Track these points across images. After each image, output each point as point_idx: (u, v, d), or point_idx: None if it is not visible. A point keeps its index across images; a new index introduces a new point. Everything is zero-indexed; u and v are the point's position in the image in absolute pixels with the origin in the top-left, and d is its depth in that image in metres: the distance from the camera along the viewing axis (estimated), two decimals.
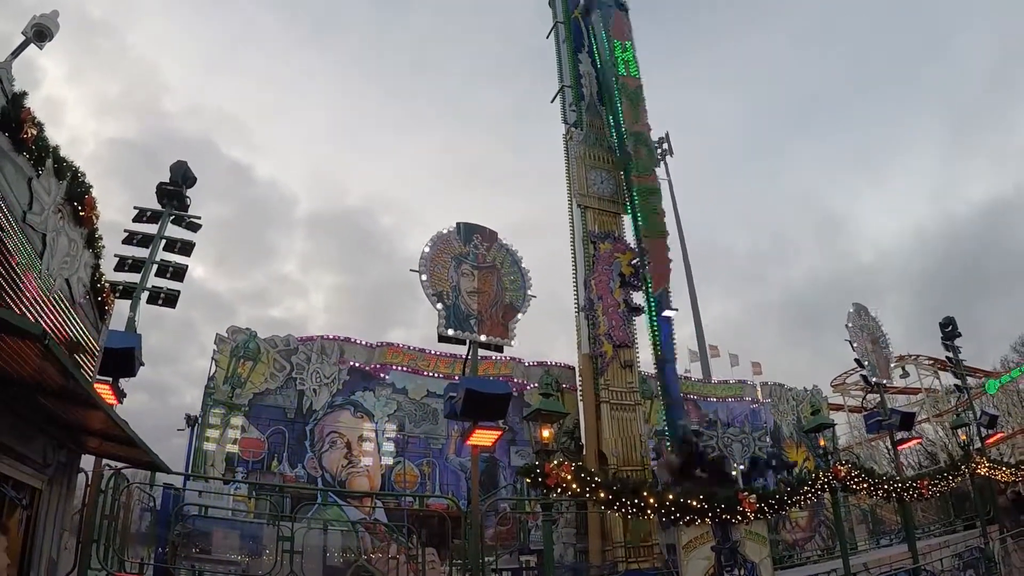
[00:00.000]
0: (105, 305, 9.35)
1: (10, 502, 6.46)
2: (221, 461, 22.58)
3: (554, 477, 13.44)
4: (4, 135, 6.08)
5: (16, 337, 4.67)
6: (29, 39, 7.08)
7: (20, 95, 6.13)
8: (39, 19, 7.16)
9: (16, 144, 6.26)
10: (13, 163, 6.30)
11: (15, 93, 6.09)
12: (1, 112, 5.94)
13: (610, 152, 30.57)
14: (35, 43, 7.12)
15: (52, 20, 7.21)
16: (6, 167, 6.17)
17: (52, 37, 7.22)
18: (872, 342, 22.48)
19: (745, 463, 24.56)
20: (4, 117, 5.99)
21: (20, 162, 6.40)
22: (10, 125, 6.08)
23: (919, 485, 18.89)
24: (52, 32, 7.21)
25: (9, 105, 6.02)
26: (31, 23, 7.12)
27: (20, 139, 6.26)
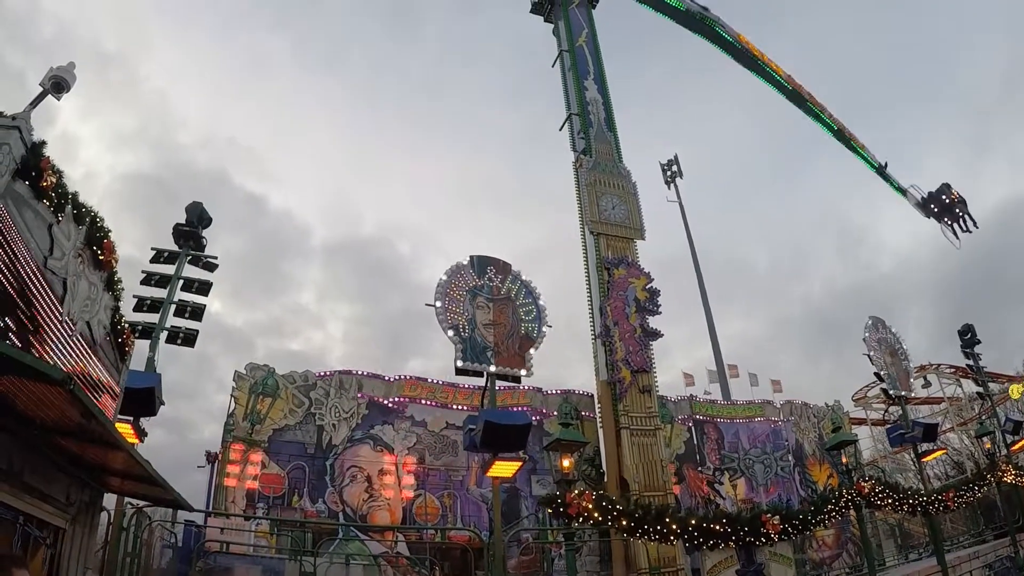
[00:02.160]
0: (125, 346, 9.52)
1: (34, 541, 6.57)
2: (242, 497, 22.64)
3: (576, 506, 13.41)
4: (25, 183, 6.26)
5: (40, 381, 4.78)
6: (47, 91, 7.30)
7: (39, 144, 6.32)
8: (56, 71, 7.37)
9: (36, 192, 6.45)
10: (34, 210, 6.48)
11: (34, 143, 6.27)
12: (21, 161, 6.12)
13: (621, 178, 30.73)
14: (53, 95, 7.33)
15: (69, 72, 7.43)
16: (27, 214, 6.35)
17: (69, 89, 7.43)
18: (891, 354, 22.34)
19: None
20: (24, 166, 6.17)
21: (40, 209, 6.59)
22: (30, 173, 6.26)
23: (945, 497, 18.69)
24: (69, 84, 7.42)
25: (29, 154, 6.20)
26: (48, 75, 7.34)
27: (40, 187, 6.45)
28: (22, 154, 6.11)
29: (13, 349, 5.38)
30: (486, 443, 14.05)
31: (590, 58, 34.13)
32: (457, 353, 15.52)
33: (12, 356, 4.56)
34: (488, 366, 15.64)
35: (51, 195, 6.61)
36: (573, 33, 34.36)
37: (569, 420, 15.25)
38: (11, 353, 4.63)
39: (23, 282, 6.26)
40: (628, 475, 24.68)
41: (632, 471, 24.63)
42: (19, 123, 6.04)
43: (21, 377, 4.81)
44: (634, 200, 30.49)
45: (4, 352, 4.53)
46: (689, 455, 30.15)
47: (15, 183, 6.09)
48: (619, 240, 29.19)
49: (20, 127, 6.04)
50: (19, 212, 6.17)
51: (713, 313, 46.25)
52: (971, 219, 40.16)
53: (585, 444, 21.12)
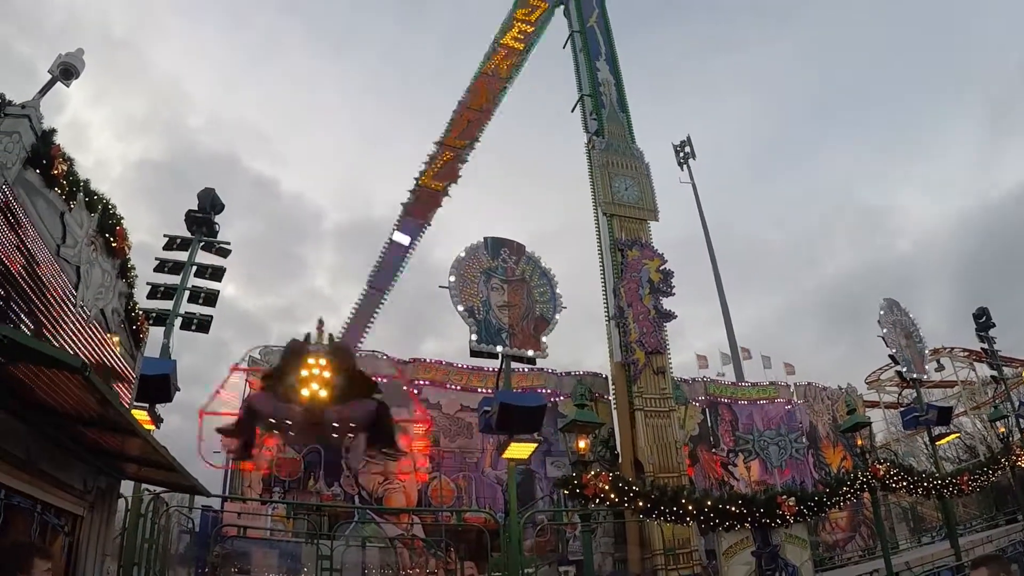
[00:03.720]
0: (140, 333, 9.54)
1: (52, 529, 6.60)
2: (258, 481, 22.77)
3: (592, 487, 13.42)
4: (36, 172, 6.25)
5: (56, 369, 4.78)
6: (56, 77, 7.26)
7: (50, 132, 6.30)
8: (65, 57, 7.33)
9: (48, 180, 6.43)
10: (45, 199, 6.47)
11: (44, 130, 6.25)
12: (32, 150, 6.10)
13: (634, 159, 30.56)
14: (62, 81, 7.29)
15: (78, 58, 7.39)
16: (39, 203, 6.34)
17: (78, 75, 7.39)
18: (906, 337, 22.16)
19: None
20: (35, 154, 6.15)
21: (52, 197, 6.58)
22: (41, 162, 6.24)
23: (959, 481, 18.60)
24: (78, 70, 7.38)
25: (39, 142, 6.18)
26: (57, 62, 7.31)
27: (51, 175, 6.43)
28: (32, 142, 6.09)
29: (30, 337, 5.38)
30: (502, 425, 14.05)
31: (601, 38, 33.88)
32: (472, 335, 15.48)
33: (30, 345, 4.55)
34: (503, 347, 15.61)
35: (63, 183, 6.60)
36: (584, 13, 34.10)
37: (584, 401, 15.19)
38: (29, 342, 4.63)
39: (36, 270, 6.26)
40: (642, 457, 24.69)
41: (646, 453, 24.64)
42: (29, 111, 6.02)
43: (38, 365, 4.80)
44: (647, 181, 30.33)
45: (21, 340, 4.52)
46: (703, 437, 30.12)
47: (26, 171, 6.07)
48: (632, 221, 29.07)
49: (30, 115, 6.02)
50: (31, 200, 6.16)
51: (728, 294, 45.99)
52: None
53: (601, 425, 21.12)
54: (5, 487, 5.68)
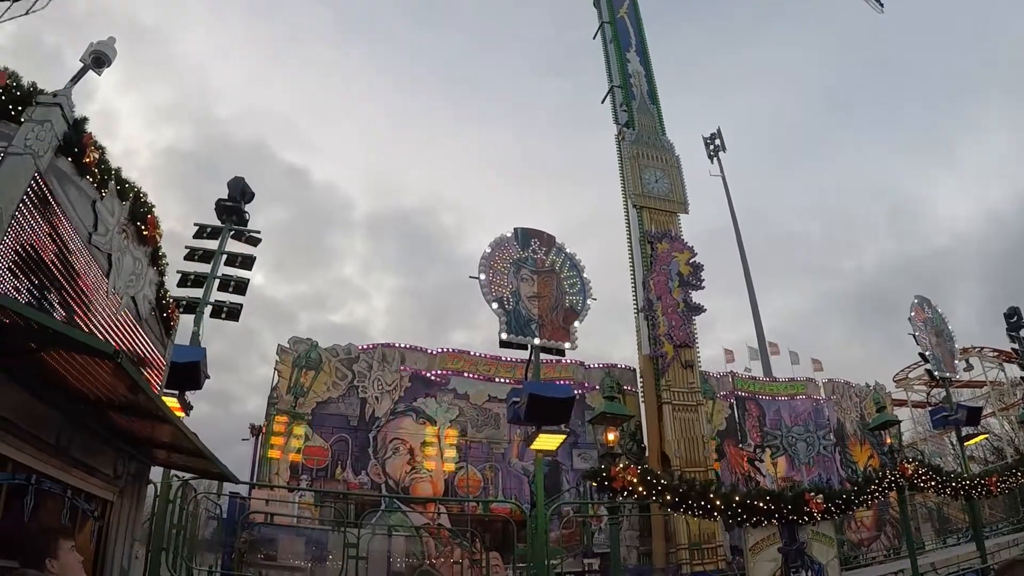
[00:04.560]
0: (170, 321, 9.59)
1: (82, 514, 6.66)
2: (286, 469, 22.99)
3: (620, 480, 13.37)
4: (68, 160, 6.28)
5: (88, 355, 4.81)
6: (88, 66, 7.30)
7: (81, 120, 6.33)
8: (97, 45, 7.37)
9: (79, 168, 6.46)
10: (77, 187, 6.50)
11: (76, 119, 6.28)
12: (64, 138, 6.13)
13: (664, 151, 30.36)
14: (94, 70, 7.33)
15: (109, 46, 7.42)
16: (71, 191, 6.37)
17: (110, 63, 7.43)
18: (936, 335, 21.83)
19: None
20: (67, 143, 6.18)
21: (84, 185, 6.61)
22: (73, 150, 6.27)
23: (988, 482, 18.30)
24: (110, 58, 7.42)
25: (71, 131, 6.21)
26: (89, 50, 7.34)
27: (83, 163, 6.46)
28: (64, 131, 6.11)
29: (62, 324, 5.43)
30: (530, 416, 14.02)
31: (632, 29, 33.68)
32: (501, 326, 15.47)
33: (62, 331, 4.59)
34: (532, 339, 15.58)
35: (94, 171, 6.62)
36: (614, 4, 33.93)
37: (613, 394, 15.13)
38: (61, 328, 4.66)
39: (68, 258, 6.31)
40: (669, 450, 24.62)
41: (673, 446, 24.57)
42: (60, 100, 6.04)
43: (70, 351, 4.84)
44: (677, 173, 30.16)
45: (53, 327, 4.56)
46: (730, 431, 29.93)
47: (58, 160, 6.09)
48: (662, 214, 28.94)
49: (62, 104, 6.04)
50: (63, 189, 6.20)
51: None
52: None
53: (630, 418, 21.04)
54: (36, 472, 5.73)
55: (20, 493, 5.53)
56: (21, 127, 5.80)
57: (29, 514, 5.55)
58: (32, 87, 6.04)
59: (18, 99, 5.93)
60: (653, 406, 26.03)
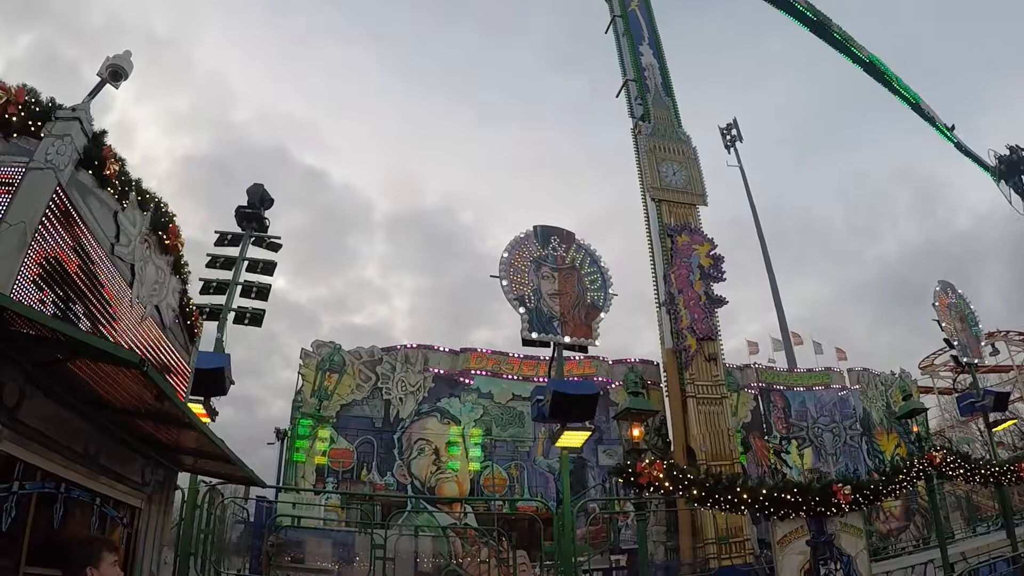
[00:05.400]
0: (194, 328, 9.70)
1: (111, 521, 6.76)
2: (312, 472, 23.13)
3: (647, 476, 13.34)
4: (88, 173, 6.38)
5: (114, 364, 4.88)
6: (105, 80, 7.40)
7: (101, 134, 6.43)
8: (113, 59, 7.46)
9: (100, 180, 6.56)
10: (99, 199, 6.60)
11: (95, 132, 6.38)
12: (84, 151, 6.22)
13: (680, 143, 30.25)
14: (111, 83, 7.43)
15: (126, 59, 7.51)
16: (92, 203, 6.47)
17: (127, 76, 7.52)
18: (960, 320, 21.59)
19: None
20: (87, 156, 6.28)
21: (105, 197, 6.71)
22: (93, 163, 6.37)
23: (1018, 468, 18.09)
24: (127, 72, 7.51)
25: (91, 144, 6.31)
26: (106, 64, 7.44)
27: (104, 175, 6.56)
28: (84, 144, 6.21)
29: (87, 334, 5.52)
30: (555, 413, 14.03)
31: (644, 22, 33.56)
32: (524, 324, 15.45)
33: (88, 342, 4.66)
34: (555, 336, 15.55)
35: (115, 183, 6.72)
36: None
37: (637, 389, 15.11)
38: (87, 339, 4.73)
39: (92, 269, 6.40)
40: (694, 444, 24.53)
41: (699, 440, 24.48)
42: (79, 114, 6.14)
43: (96, 361, 4.92)
44: (695, 165, 30.04)
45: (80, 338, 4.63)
46: (755, 424, 29.77)
47: (79, 173, 6.20)
48: (681, 206, 28.84)
49: (81, 118, 6.14)
50: (84, 201, 6.30)
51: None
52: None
53: (655, 413, 21.00)
54: (65, 481, 5.82)
55: (50, 501, 5.62)
56: (41, 142, 5.91)
57: (59, 522, 5.64)
58: (51, 102, 6.14)
59: (37, 115, 6.03)
60: (677, 400, 25.94)
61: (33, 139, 5.94)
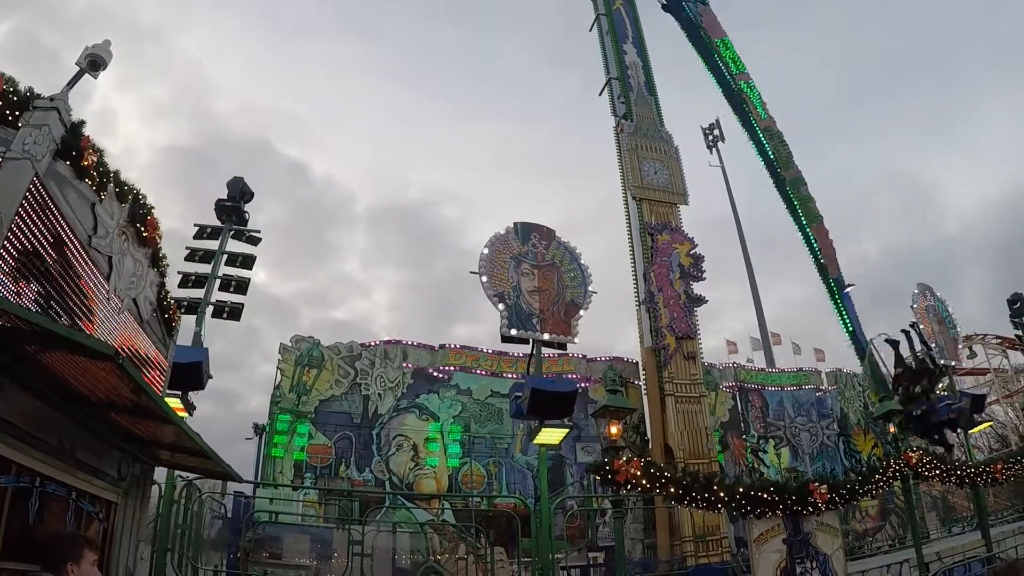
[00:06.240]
0: (172, 321, 9.61)
1: (87, 516, 6.69)
2: (289, 468, 23.02)
3: (624, 473, 13.36)
4: (66, 164, 6.30)
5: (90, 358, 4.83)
6: (84, 70, 7.30)
7: (79, 124, 6.35)
8: (92, 49, 7.37)
9: (78, 171, 6.48)
10: (76, 190, 6.52)
11: (73, 122, 6.30)
12: (62, 142, 6.15)
13: (663, 142, 30.33)
14: (89, 73, 7.33)
15: (105, 49, 7.42)
16: (69, 194, 6.39)
17: (106, 66, 7.42)
18: (938, 322, 21.83)
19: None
20: (65, 146, 6.20)
21: (83, 188, 6.63)
22: (71, 153, 6.29)
23: (993, 469, 18.30)
24: (106, 62, 7.41)
25: (69, 134, 6.23)
26: (84, 54, 7.34)
27: (81, 166, 6.48)
28: (62, 134, 6.13)
29: (63, 326, 5.45)
30: (533, 410, 14.03)
31: (628, 21, 33.62)
32: (503, 320, 15.42)
33: (63, 333, 4.60)
34: (534, 333, 15.55)
35: (92, 174, 6.64)
36: None
37: (616, 387, 15.14)
38: (62, 330, 4.68)
39: (69, 261, 6.33)
40: (673, 442, 24.62)
41: (677, 438, 24.57)
42: (57, 104, 6.06)
43: (72, 354, 4.86)
44: (676, 165, 30.14)
45: (54, 329, 4.58)
46: (733, 423, 29.96)
47: (56, 164, 6.12)
48: (662, 205, 28.93)
49: (59, 108, 6.06)
50: (62, 192, 6.22)
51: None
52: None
53: (633, 411, 21.06)
54: (40, 475, 5.76)
55: (25, 496, 5.56)
56: (19, 132, 5.82)
57: (35, 517, 5.58)
58: (29, 92, 6.06)
59: (15, 104, 5.95)
60: (656, 398, 26.04)
61: (10, 129, 5.86)
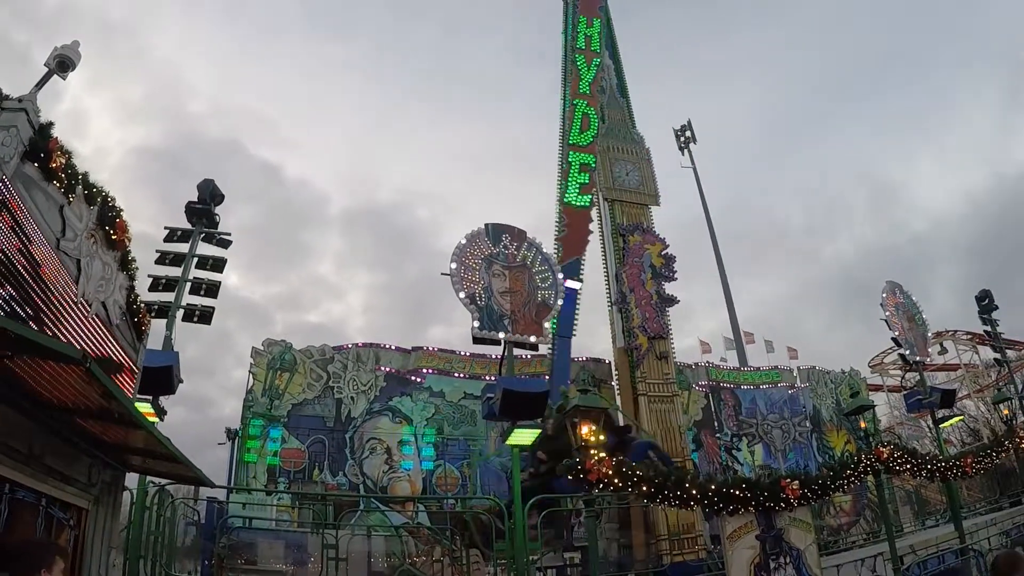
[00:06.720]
0: (141, 325, 9.50)
1: (58, 523, 6.60)
2: (263, 472, 22.84)
3: (596, 472, 13.41)
4: (34, 165, 6.21)
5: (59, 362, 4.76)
6: (52, 70, 7.21)
7: (47, 125, 6.26)
8: (61, 50, 7.28)
9: (46, 173, 6.39)
10: (44, 192, 6.43)
11: (42, 124, 6.21)
12: (30, 143, 6.06)
13: (634, 144, 30.50)
14: (58, 74, 7.25)
15: (74, 50, 7.34)
16: (37, 196, 6.30)
17: (75, 67, 7.34)
18: (909, 320, 22.11)
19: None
20: (33, 148, 6.11)
21: (51, 191, 6.54)
22: (39, 155, 6.21)
23: (963, 463, 18.57)
24: (74, 63, 7.33)
25: (37, 136, 6.14)
26: (53, 54, 7.26)
27: (50, 168, 6.39)
28: (30, 136, 6.05)
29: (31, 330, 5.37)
30: (505, 411, 14.04)
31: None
32: (474, 322, 15.45)
33: (31, 338, 4.54)
34: (506, 334, 15.58)
35: (61, 176, 6.55)
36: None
37: (587, 387, 15.20)
38: (29, 334, 4.61)
39: (37, 265, 6.23)
40: None
41: (650, 437, 24.67)
42: (26, 105, 5.98)
43: (38, 358, 4.79)
44: (648, 166, 30.33)
45: (22, 333, 4.51)
46: (707, 421, 30.17)
47: (24, 165, 6.03)
48: (634, 207, 29.09)
49: (27, 109, 5.98)
50: (30, 194, 6.13)
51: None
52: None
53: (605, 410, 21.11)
54: (9, 481, 5.67)
55: None
56: None
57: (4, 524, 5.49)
58: None
59: None
60: (629, 398, 26.17)
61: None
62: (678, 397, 26.51)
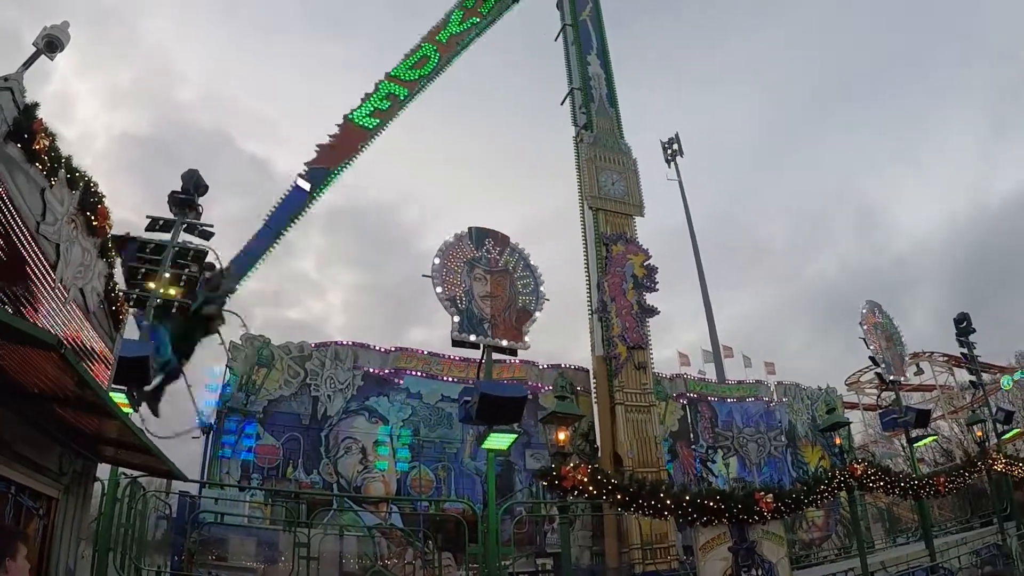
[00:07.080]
0: (119, 314, 9.38)
1: (27, 511, 6.49)
2: (236, 468, 22.61)
3: (571, 479, 13.42)
4: (17, 146, 6.10)
5: (31, 347, 4.67)
6: (40, 50, 7.11)
7: (32, 106, 6.16)
8: (50, 30, 7.18)
9: (29, 155, 6.28)
10: (26, 174, 6.32)
11: (27, 104, 6.11)
12: (14, 123, 5.96)
13: (621, 154, 30.58)
14: (46, 54, 7.15)
15: (63, 30, 7.24)
16: (19, 178, 6.19)
17: (63, 48, 7.24)
18: (887, 339, 22.31)
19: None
20: (17, 128, 6.01)
21: (33, 173, 6.43)
22: (23, 136, 6.10)
23: (936, 482, 18.75)
24: (63, 43, 7.23)
25: (21, 116, 6.04)
26: (42, 34, 7.16)
27: (33, 150, 6.28)
28: (15, 116, 5.95)
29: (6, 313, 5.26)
30: (482, 415, 14.02)
31: (593, 32, 33.83)
32: (454, 324, 15.44)
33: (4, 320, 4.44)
34: (485, 338, 15.56)
35: (44, 158, 6.44)
36: (577, 7, 34.04)
37: (565, 394, 15.21)
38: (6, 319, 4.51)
39: (15, 248, 6.13)
40: (622, 451, 24.76)
41: (626, 447, 24.73)
42: (11, 84, 5.88)
43: (13, 343, 4.70)
44: (634, 177, 30.40)
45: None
46: (683, 433, 30.21)
47: (7, 146, 5.92)
48: (618, 216, 29.13)
49: (12, 88, 5.89)
50: (11, 176, 6.02)
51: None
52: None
53: (581, 417, 21.11)
54: None
55: None
56: None
57: None
58: None
59: None
60: (606, 407, 26.17)
61: None
62: (655, 407, 26.54)
